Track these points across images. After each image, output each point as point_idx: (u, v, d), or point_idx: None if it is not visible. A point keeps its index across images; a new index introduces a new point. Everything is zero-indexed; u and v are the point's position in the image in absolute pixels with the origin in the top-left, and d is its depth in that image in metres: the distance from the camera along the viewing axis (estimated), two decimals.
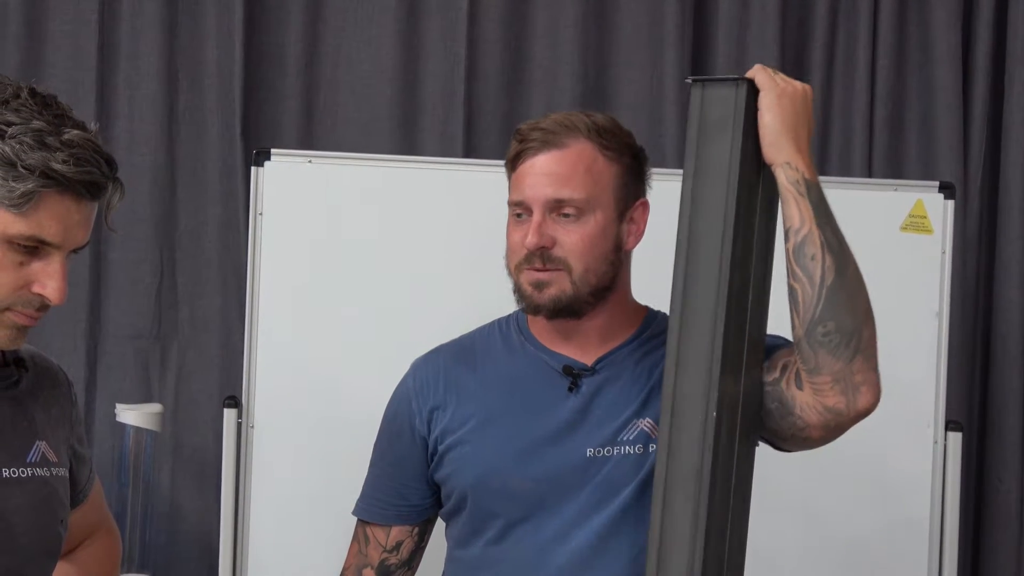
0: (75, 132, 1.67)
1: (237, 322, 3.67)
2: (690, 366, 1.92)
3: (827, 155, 3.95)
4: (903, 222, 3.41)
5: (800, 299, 1.94)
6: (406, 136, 3.85)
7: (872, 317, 1.97)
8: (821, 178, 1.98)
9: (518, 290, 2.11)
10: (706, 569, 1.89)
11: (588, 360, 2.13)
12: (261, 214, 3.28)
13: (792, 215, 1.95)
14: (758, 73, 1.97)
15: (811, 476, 3.27)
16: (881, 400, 1.99)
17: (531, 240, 2.05)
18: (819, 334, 1.94)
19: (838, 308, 1.93)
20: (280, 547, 3.24)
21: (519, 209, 2.09)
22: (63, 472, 1.90)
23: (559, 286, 2.06)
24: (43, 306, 1.72)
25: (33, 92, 1.70)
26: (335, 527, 3.22)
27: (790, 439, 2.05)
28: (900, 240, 3.41)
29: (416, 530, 2.23)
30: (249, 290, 3.29)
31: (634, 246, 2.13)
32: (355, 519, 2.28)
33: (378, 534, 2.23)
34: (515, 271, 2.10)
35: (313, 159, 3.38)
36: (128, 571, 3.37)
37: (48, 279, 1.69)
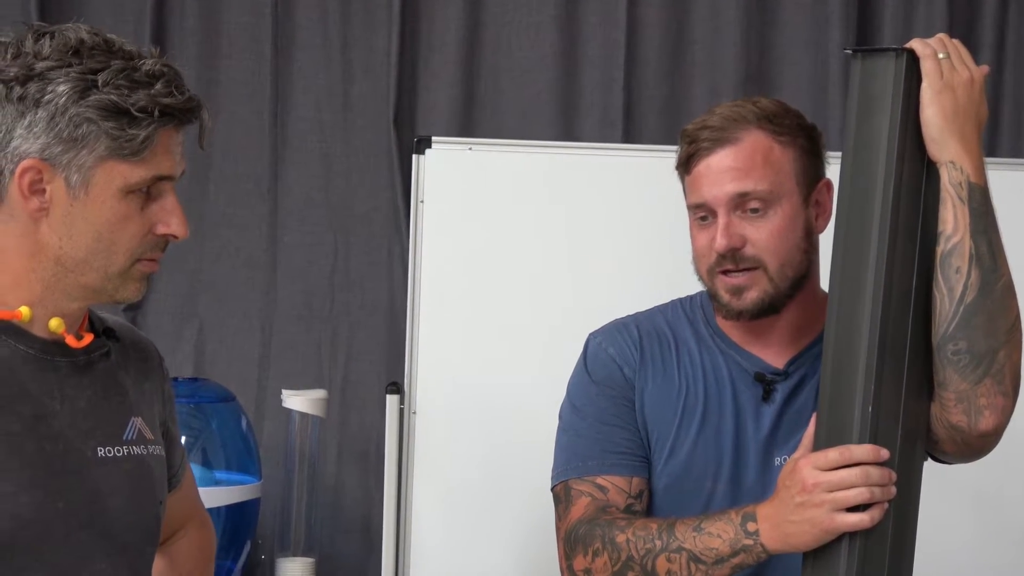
0: (148, 60, 1.61)
1: (404, 307, 3.71)
2: (845, 357, 1.84)
3: (997, 137, 3.85)
4: None
5: (937, 309, 1.85)
6: (565, 122, 3.84)
7: (1016, 338, 1.87)
8: (990, 160, 1.89)
9: (714, 297, 2.05)
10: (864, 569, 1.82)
11: (780, 361, 2.07)
12: (422, 202, 3.30)
13: (947, 219, 1.85)
14: (924, 60, 1.86)
15: (984, 461, 3.19)
16: None
17: (720, 243, 1.98)
18: (949, 351, 1.85)
19: (973, 329, 1.83)
20: (442, 532, 3.26)
21: (702, 212, 2.02)
22: (160, 450, 1.79)
23: (759, 287, 1.99)
24: (164, 245, 1.68)
25: (91, 34, 1.61)
26: (496, 510, 3.24)
27: (932, 451, 1.96)
28: None
29: (651, 485, 2.09)
30: (411, 277, 3.31)
31: (823, 229, 2.05)
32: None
33: (619, 482, 2.05)
34: (707, 276, 2.04)
35: (473, 146, 3.39)
36: (294, 554, 3.43)
37: (170, 216, 1.66)
